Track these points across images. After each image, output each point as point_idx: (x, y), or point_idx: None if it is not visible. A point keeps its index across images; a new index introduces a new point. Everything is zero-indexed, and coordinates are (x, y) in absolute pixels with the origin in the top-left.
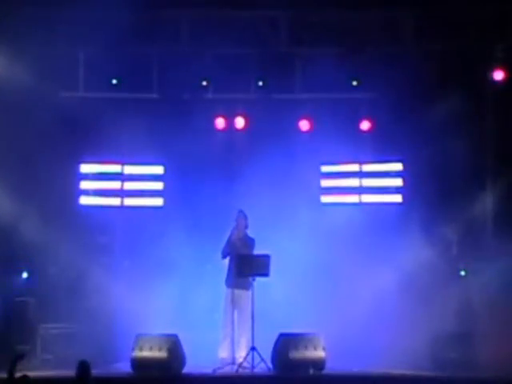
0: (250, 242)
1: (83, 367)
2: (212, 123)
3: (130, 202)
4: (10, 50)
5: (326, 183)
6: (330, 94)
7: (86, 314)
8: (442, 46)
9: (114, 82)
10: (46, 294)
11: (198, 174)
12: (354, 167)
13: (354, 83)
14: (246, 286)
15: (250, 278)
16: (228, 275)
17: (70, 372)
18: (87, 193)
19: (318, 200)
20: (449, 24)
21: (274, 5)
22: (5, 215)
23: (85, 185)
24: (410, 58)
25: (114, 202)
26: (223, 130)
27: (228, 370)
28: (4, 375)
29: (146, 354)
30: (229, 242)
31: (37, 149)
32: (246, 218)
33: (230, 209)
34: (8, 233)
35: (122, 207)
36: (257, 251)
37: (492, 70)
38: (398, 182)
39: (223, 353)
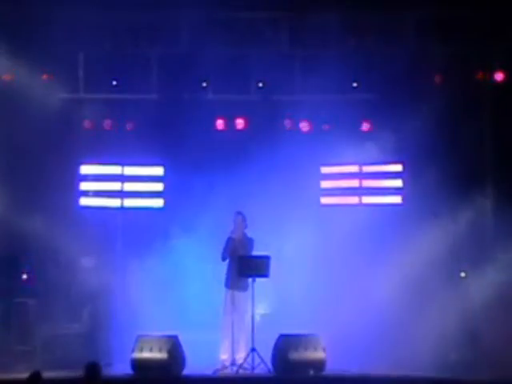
0: (248, 243)
1: (93, 370)
2: (212, 124)
3: (130, 202)
4: (10, 52)
5: (325, 184)
6: (330, 95)
7: (86, 315)
8: (442, 47)
9: (114, 83)
10: (46, 295)
11: (198, 175)
12: (354, 168)
13: (354, 84)
14: (244, 287)
15: (249, 279)
16: (227, 276)
17: (71, 373)
18: (87, 194)
19: (318, 201)
20: (449, 25)
21: (274, 6)
22: (5, 216)
23: (85, 186)
24: (410, 58)
25: (114, 203)
26: (223, 131)
27: (228, 371)
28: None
29: (146, 355)
30: (228, 244)
31: (37, 150)
32: (244, 218)
33: (230, 210)
34: (8, 234)
35: (122, 208)
36: (257, 252)
37: (491, 70)
38: (397, 183)
39: (224, 354)
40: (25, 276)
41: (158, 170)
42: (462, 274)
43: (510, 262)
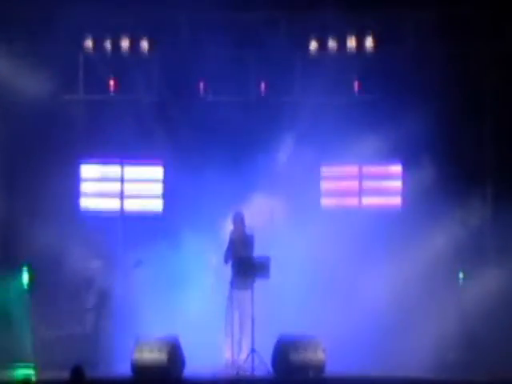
0: (249, 240)
1: (77, 373)
2: (212, 125)
3: (129, 204)
4: (10, 52)
5: (326, 185)
6: (329, 96)
7: (87, 317)
8: (442, 47)
9: (114, 83)
10: (47, 297)
11: (197, 175)
12: (354, 169)
13: (355, 84)
14: (247, 287)
15: (251, 279)
16: (232, 276)
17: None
18: (87, 195)
19: (318, 202)
20: (449, 25)
21: (274, 6)
22: (5, 217)
23: (85, 187)
24: (410, 59)
25: (114, 204)
26: (223, 132)
27: (228, 372)
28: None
29: (146, 356)
30: (229, 246)
31: (37, 151)
32: (242, 218)
33: (230, 210)
34: (8, 235)
35: (121, 210)
36: (257, 253)
37: (491, 70)
38: (397, 184)
39: (226, 353)
40: (25, 276)
41: (158, 172)
42: (461, 275)
43: (508, 263)
